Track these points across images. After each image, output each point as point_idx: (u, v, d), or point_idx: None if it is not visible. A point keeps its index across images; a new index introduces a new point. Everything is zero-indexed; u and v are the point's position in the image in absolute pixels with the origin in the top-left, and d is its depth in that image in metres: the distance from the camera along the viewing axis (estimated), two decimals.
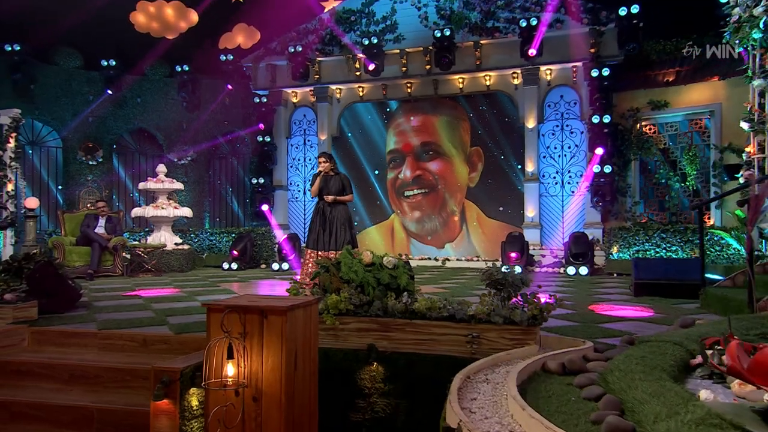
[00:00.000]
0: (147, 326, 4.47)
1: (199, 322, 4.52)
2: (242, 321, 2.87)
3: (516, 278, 3.46)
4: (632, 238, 8.77)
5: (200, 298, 6.18)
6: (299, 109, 12.90)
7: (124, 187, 13.08)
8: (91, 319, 4.76)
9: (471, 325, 3.40)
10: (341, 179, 7.21)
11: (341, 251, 7.16)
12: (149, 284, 7.76)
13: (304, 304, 3.01)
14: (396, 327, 3.58)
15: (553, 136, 11.05)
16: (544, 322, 3.38)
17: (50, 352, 4.26)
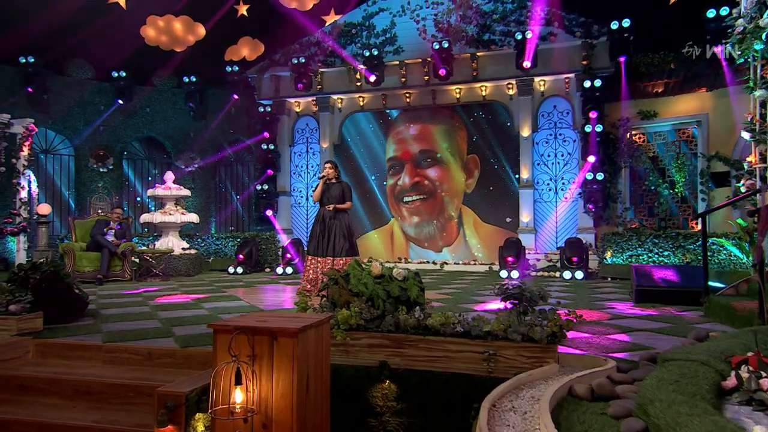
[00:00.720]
0: (152, 338, 4.13)
1: (205, 335, 4.18)
2: (251, 343, 2.54)
3: (534, 293, 3.14)
4: (625, 244, 8.48)
5: (207, 305, 5.83)
6: (302, 118, 12.57)
7: (133, 194, 12.71)
8: (96, 330, 4.41)
9: (487, 342, 3.08)
10: (342, 187, 6.90)
11: (339, 258, 6.90)
12: (157, 290, 7.41)
13: (316, 323, 2.68)
14: (409, 343, 3.25)
15: (546, 144, 10.76)
16: (563, 339, 3.06)
17: (54, 365, 3.91)
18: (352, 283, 3.75)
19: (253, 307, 5.68)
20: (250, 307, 5.68)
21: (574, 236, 9.81)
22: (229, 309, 5.55)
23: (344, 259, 6.68)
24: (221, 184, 13.24)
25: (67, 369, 3.78)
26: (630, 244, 8.43)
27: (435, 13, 11.13)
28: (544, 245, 10.64)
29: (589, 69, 9.94)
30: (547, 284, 7.59)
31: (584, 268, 8.54)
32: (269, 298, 6.53)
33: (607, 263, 8.62)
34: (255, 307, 5.71)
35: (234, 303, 6.04)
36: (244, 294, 6.91)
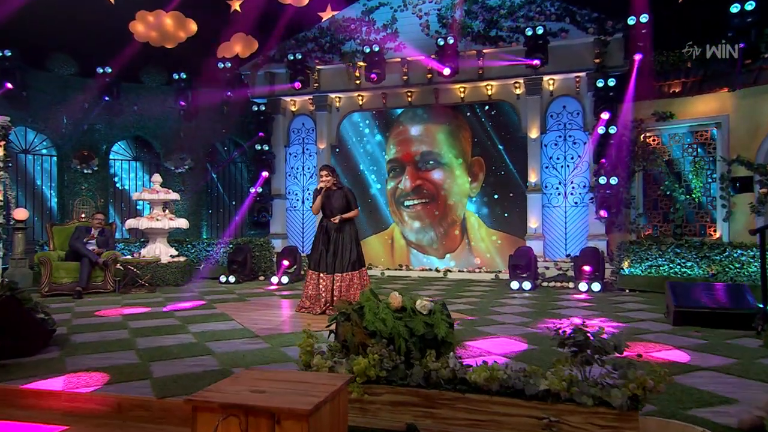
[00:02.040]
0: (125, 381, 3.37)
1: (189, 375, 3.44)
2: (243, 427, 1.81)
3: (605, 341, 2.43)
4: (644, 253, 7.81)
5: (193, 328, 5.08)
6: (298, 117, 11.81)
7: (119, 197, 11.87)
8: (58, 368, 3.66)
9: (546, 405, 2.37)
10: (345, 194, 6.16)
11: (345, 273, 6.16)
12: (140, 305, 6.63)
13: (332, 395, 1.95)
14: (443, 402, 2.54)
15: (555, 146, 10.08)
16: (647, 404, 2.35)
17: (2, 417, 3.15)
18: (368, 319, 3.03)
19: (247, 331, 4.93)
20: (242, 331, 4.93)
21: (587, 244, 9.18)
22: (219, 334, 4.80)
23: (350, 274, 5.97)
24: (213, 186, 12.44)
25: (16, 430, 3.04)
26: (649, 254, 7.77)
27: (438, 8, 10.42)
28: (553, 252, 9.97)
29: (602, 67, 9.28)
30: (560, 295, 6.88)
31: (600, 279, 7.87)
32: (265, 318, 5.78)
33: (625, 274, 7.95)
34: (248, 330, 4.96)
35: (224, 325, 5.29)
36: (236, 311, 6.15)
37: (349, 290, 5.96)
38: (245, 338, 4.63)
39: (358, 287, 6.03)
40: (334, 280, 5.93)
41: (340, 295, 5.90)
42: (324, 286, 5.95)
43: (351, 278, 5.99)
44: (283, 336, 4.70)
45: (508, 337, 4.62)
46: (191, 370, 3.62)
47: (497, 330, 4.92)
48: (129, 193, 11.64)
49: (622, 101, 9.27)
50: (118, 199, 11.82)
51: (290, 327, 5.18)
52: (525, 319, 5.53)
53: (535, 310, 6.13)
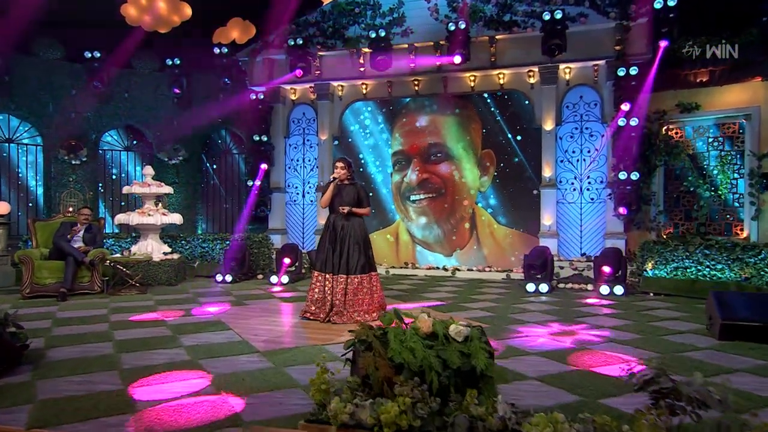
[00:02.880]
0: (104, 415, 2.86)
1: (179, 408, 2.93)
2: None
3: (705, 392, 1.92)
4: (670, 254, 7.32)
5: (186, 340, 4.56)
6: (298, 106, 11.24)
7: (110, 189, 11.31)
8: (26, 396, 3.15)
9: None
10: (357, 189, 5.65)
11: (354, 276, 5.64)
12: (129, 309, 6.11)
13: None
14: None
15: (571, 139, 9.55)
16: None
17: None
18: (393, 349, 2.52)
19: (246, 345, 4.42)
20: (240, 345, 4.42)
21: (603, 243, 8.72)
22: (214, 349, 4.28)
23: (359, 276, 5.47)
24: (209, 178, 11.88)
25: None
26: (676, 255, 7.28)
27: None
28: (567, 251, 9.48)
29: (623, 55, 8.74)
30: (581, 299, 6.35)
31: (623, 282, 7.39)
32: (265, 326, 5.27)
33: (649, 276, 7.46)
34: (248, 344, 4.45)
35: (220, 336, 4.78)
36: (234, 318, 5.64)
37: (357, 295, 5.46)
38: (244, 354, 4.12)
39: (367, 292, 5.53)
40: (339, 282, 5.43)
41: (345, 299, 5.41)
42: (330, 289, 5.45)
43: (360, 281, 5.49)
44: (286, 352, 4.19)
45: (540, 356, 4.12)
46: (182, 399, 3.11)
47: (524, 345, 4.43)
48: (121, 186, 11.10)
49: (644, 91, 8.74)
50: (108, 191, 11.26)
51: (294, 339, 4.67)
52: (552, 329, 5.04)
53: (560, 317, 5.64)
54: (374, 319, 5.48)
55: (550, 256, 7.92)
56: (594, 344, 4.42)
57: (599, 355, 4.06)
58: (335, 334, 4.85)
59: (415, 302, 6.83)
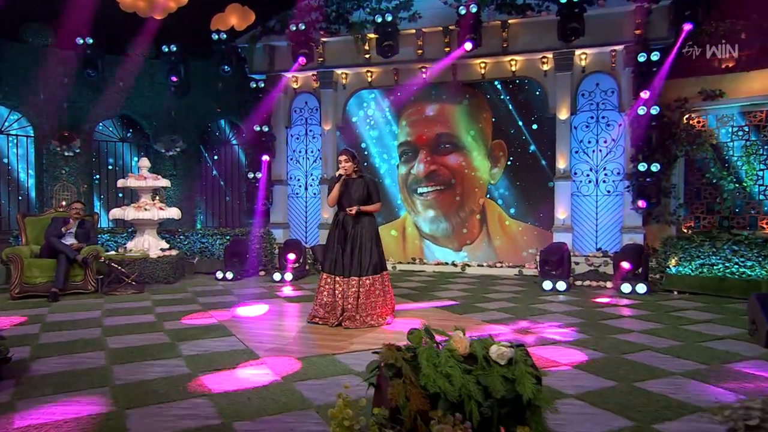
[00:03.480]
0: None
1: None
2: None
3: None
4: (695, 250, 6.95)
5: (185, 348, 4.20)
6: (300, 95, 10.81)
7: (105, 182, 10.92)
8: (3, 421, 2.78)
9: None
10: (366, 183, 5.27)
11: (366, 277, 5.27)
12: (124, 310, 5.75)
13: None
14: None
15: (587, 128, 9.15)
16: None
17: None
18: (426, 375, 2.16)
19: (251, 354, 4.06)
20: (244, 354, 4.06)
21: (620, 237, 8.37)
22: (216, 360, 3.92)
23: (372, 278, 5.11)
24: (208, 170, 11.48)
25: None
26: (701, 251, 6.91)
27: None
28: (582, 246, 9.11)
29: (643, 39, 8.31)
30: (598, 297, 5.95)
31: (644, 280, 7.04)
32: (270, 332, 4.92)
33: (672, 273, 7.10)
34: (253, 353, 4.09)
35: (222, 342, 4.43)
36: (236, 321, 5.28)
37: (370, 297, 5.10)
38: (249, 367, 3.76)
39: (380, 294, 5.18)
40: (351, 285, 5.07)
41: (358, 303, 5.05)
42: (341, 293, 5.09)
43: (372, 283, 5.13)
44: (295, 365, 3.83)
45: (576, 368, 3.76)
46: (180, 424, 2.75)
47: (554, 354, 4.07)
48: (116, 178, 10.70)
49: (664, 78, 8.34)
50: (102, 184, 10.87)
51: (303, 347, 4.31)
52: (579, 335, 4.69)
53: (583, 319, 5.29)
54: (388, 323, 5.15)
55: (567, 252, 7.55)
56: (630, 352, 4.06)
57: (640, 367, 3.70)
58: (346, 340, 4.50)
59: (425, 301, 6.48)
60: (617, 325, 5.05)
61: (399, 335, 4.61)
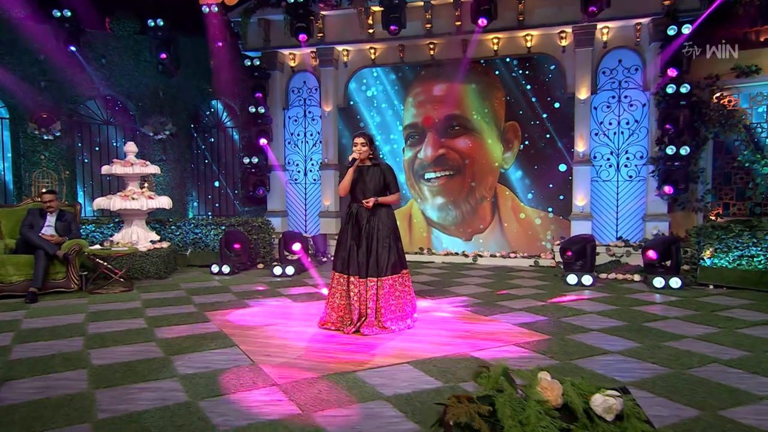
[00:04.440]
0: None
1: None
2: None
3: None
4: (733, 240, 6.45)
5: (180, 365, 3.63)
6: (298, 74, 10.14)
7: (89, 168, 10.23)
8: None
9: None
10: (383, 171, 4.69)
11: (385, 277, 4.69)
12: (111, 313, 5.16)
13: None
14: None
15: (608, 109, 8.59)
16: None
17: None
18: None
19: (257, 372, 3.50)
20: (251, 371, 3.49)
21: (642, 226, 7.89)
22: (218, 378, 3.36)
23: (391, 278, 4.56)
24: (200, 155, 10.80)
25: None
26: (739, 242, 6.41)
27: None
28: (601, 235, 8.61)
29: (673, 10, 7.71)
30: (634, 295, 5.40)
31: (679, 274, 6.54)
32: (278, 342, 4.35)
33: (707, 266, 6.60)
34: (260, 371, 3.52)
35: (223, 355, 3.86)
36: (238, 328, 4.71)
37: (389, 300, 4.55)
38: (260, 391, 3.20)
39: (400, 296, 4.63)
40: (369, 287, 4.50)
41: (377, 306, 4.49)
42: (357, 295, 4.52)
43: (392, 284, 4.57)
44: (313, 387, 3.27)
45: (641, 389, 3.24)
46: None
47: (607, 368, 3.55)
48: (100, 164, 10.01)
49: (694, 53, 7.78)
50: (86, 171, 10.18)
51: (319, 362, 3.75)
52: (629, 342, 4.18)
53: (627, 323, 4.77)
54: (409, 327, 4.61)
55: (592, 243, 7.02)
56: (695, 367, 3.54)
57: (716, 387, 3.19)
58: (366, 351, 3.95)
59: (441, 297, 5.96)
60: (665, 329, 4.53)
61: (424, 345, 4.07)
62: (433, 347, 4.04)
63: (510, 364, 3.54)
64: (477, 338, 4.30)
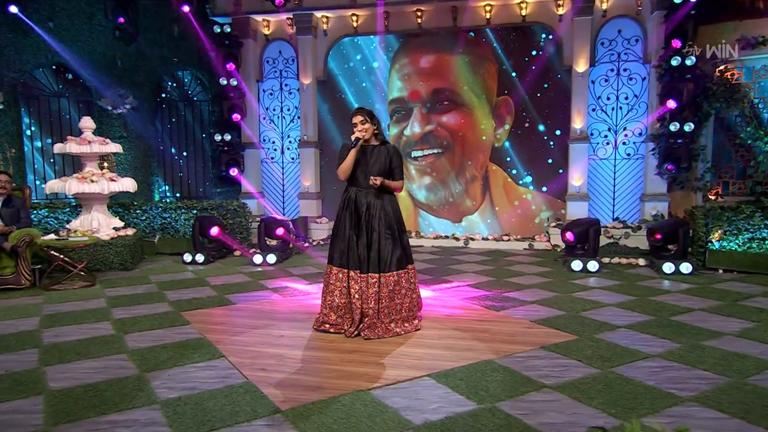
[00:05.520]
0: None
1: None
2: None
3: None
4: (743, 222, 6.17)
5: (162, 386, 3.04)
6: (273, 43, 9.35)
7: (41, 148, 9.27)
8: None
9: None
10: (389, 153, 4.13)
11: (389, 274, 4.07)
12: (70, 317, 4.49)
13: None
14: None
15: (606, 83, 8.19)
16: None
17: None
18: None
19: (253, 392, 2.94)
20: (246, 392, 2.94)
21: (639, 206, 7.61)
22: (208, 405, 2.78)
23: (396, 274, 4.04)
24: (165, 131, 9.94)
25: None
26: (751, 223, 6.13)
27: None
28: (597, 216, 8.27)
29: None
30: (645, 282, 5.03)
31: (686, 258, 6.25)
32: (269, 349, 3.80)
33: (715, 249, 6.32)
34: (256, 391, 2.97)
35: (211, 371, 3.29)
36: (222, 332, 4.13)
37: (394, 299, 4.04)
38: (262, 423, 2.65)
39: (406, 294, 4.12)
40: (371, 283, 3.98)
41: (380, 306, 3.98)
42: (358, 293, 4.00)
43: (397, 281, 4.06)
44: (320, 411, 2.74)
45: (704, 405, 2.84)
46: None
47: (653, 377, 3.15)
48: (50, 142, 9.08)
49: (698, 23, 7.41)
50: (35, 149, 9.22)
51: (323, 378, 3.22)
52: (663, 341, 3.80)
53: (653, 317, 4.40)
54: (416, 328, 4.12)
55: (595, 225, 6.65)
56: (753, 374, 3.18)
57: None
58: (375, 360, 3.45)
59: (441, 286, 5.51)
60: (697, 324, 4.18)
61: (440, 351, 3.58)
62: (451, 354, 3.56)
63: (548, 374, 3.09)
64: (496, 340, 3.84)
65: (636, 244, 7.66)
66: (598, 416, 2.64)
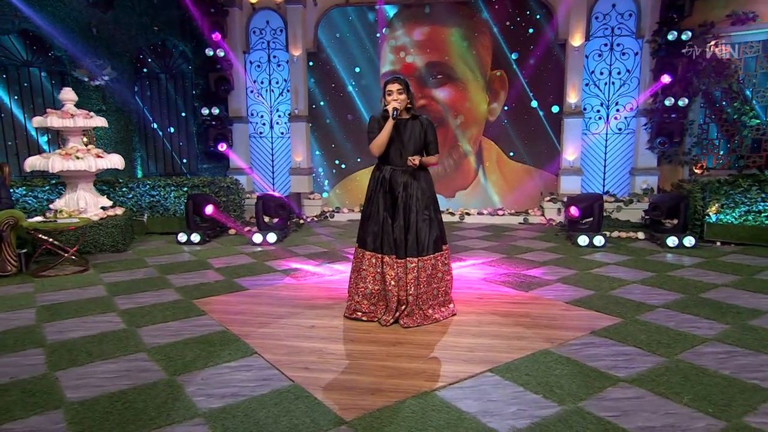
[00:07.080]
0: None
1: None
2: None
3: None
4: (741, 196, 6.02)
5: (196, 393, 2.55)
6: (260, 12, 8.55)
7: (11, 122, 8.29)
8: None
9: None
10: (424, 127, 3.66)
11: (426, 257, 3.48)
12: (69, 308, 3.88)
13: None
14: None
15: (599, 57, 7.84)
16: None
17: None
18: None
19: (307, 399, 2.49)
20: (297, 398, 2.49)
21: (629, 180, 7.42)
22: (261, 418, 2.32)
23: (433, 257, 3.63)
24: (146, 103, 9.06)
25: None
26: (748, 197, 5.98)
27: None
28: (588, 190, 8.06)
29: None
30: (652, 256, 4.78)
31: (685, 231, 6.08)
32: (303, 342, 3.34)
33: (712, 222, 6.17)
34: (309, 397, 2.52)
35: (248, 372, 2.81)
36: (244, 323, 3.63)
37: (431, 284, 3.64)
38: None
39: (443, 276, 3.72)
40: (410, 269, 3.55)
41: (418, 292, 3.56)
42: (395, 279, 3.56)
43: (434, 264, 3.65)
44: (397, 425, 2.33)
45: None
46: None
47: (725, 364, 2.87)
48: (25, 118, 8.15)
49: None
50: (7, 125, 8.24)
51: (375, 376, 2.79)
52: (709, 321, 3.55)
53: (685, 295, 4.16)
54: (452, 312, 3.73)
55: (599, 200, 6.38)
56: None
57: None
58: (423, 354, 3.05)
59: (453, 262, 5.11)
60: (731, 302, 3.95)
61: (488, 340, 3.20)
62: (501, 344, 3.20)
63: (614, 364, 2.64)
64: (541, 326, 3.50)
65: (627, 218, 7.49)
66: (696, 416, 2.32)
